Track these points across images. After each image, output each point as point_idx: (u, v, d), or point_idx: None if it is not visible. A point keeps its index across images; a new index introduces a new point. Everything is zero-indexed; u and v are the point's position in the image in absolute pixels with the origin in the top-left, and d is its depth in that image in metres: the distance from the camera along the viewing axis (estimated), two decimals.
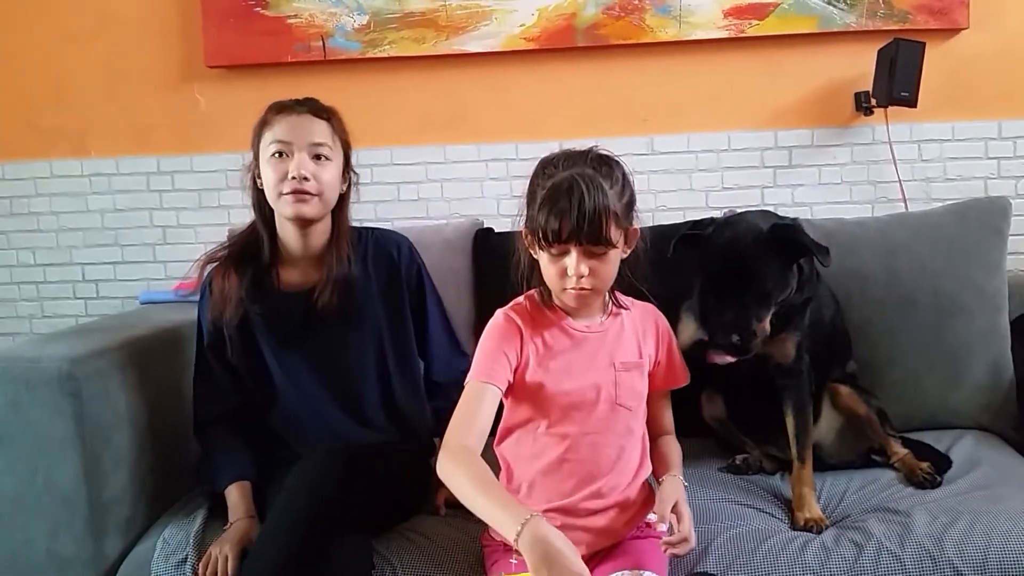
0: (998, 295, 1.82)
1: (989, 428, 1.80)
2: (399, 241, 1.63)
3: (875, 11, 2.17)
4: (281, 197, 1.47)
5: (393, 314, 1.59)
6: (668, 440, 1.43)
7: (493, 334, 1.30)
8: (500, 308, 1.35)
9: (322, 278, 1.52)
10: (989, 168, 2.24)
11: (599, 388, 1.29)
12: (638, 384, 1.33)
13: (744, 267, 1.44)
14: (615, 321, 1.34)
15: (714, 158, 2.29)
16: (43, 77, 2.38)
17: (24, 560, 1.48)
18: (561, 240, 1.20)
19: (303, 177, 1.45)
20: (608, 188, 1.21)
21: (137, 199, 2.39)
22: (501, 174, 2.31)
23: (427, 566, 1.39)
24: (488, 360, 1.27)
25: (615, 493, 1.30)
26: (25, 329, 2.44)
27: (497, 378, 1.25)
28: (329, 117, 1.52)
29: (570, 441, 1.28)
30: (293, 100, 1.52)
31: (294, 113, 1.49)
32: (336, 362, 1.55)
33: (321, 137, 1.49)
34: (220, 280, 1.53)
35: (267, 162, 1.49)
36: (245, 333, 1.55)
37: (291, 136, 1.47)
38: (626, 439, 1.32)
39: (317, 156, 1.48)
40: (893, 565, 1.32)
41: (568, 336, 1.31)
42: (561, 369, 1.29)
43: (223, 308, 1.52)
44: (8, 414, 1.46)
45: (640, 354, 1.35)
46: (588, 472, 1.28)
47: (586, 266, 1.22)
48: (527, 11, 2.23)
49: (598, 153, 1.26)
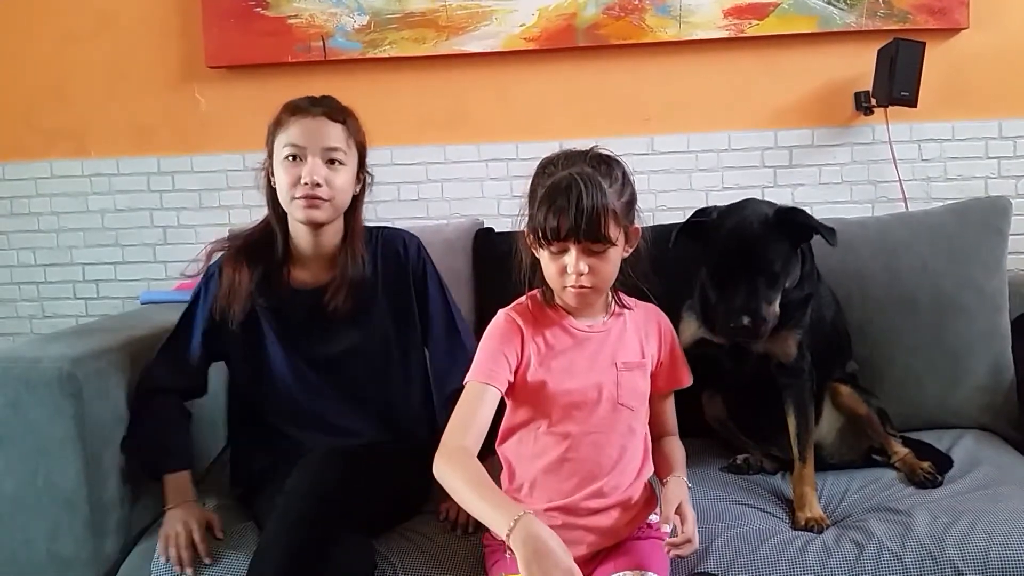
0: (998, 295, 1.82)
1: (990, 428, 1.80)
2: (406, 239, 1.62)
3: (875, 11, 2.17)
4: (293, 201, 1.47)
5: (399, 313, 1.59)
6: (671, 441, 1.42)
7: (494, 334, 1.31)
8: (502, 308, 1.35)
9: (335, 279, 1.52)
10: (989, 168, 2.24)
11: (601, 388, 1.29)
12: (640, 384, 1.33)
13: (752, 250, 1.44)
14: (617, 321, 1.34)
15: (714, 158, 2.29)
16: (44, 77, 2.38)
17: (24, 560, 1.48)
18: (560, 238, 1.21)
19: (315, 183, 1.45)
20: (607, 186, 1.21)
21: (137, 199, 2.39)
22: (501, 174, 2.31)
23: (428, 566, 1.39)
24: (488, 361, 1.27)
25: (617, 493, 1.30)
26: (26, 329, 2.44)
27: (496, 379, 1.25)
28: (345, 119, 1.51)
29: (571, 440, 1.28)
30: (309, 100, 1.50)
31: (309, 116, 1.47)
32: (341, 361, 1.55)
33: (335, 141, 1.48)
34: (231, 272, 1.53)
35: (280, 164, 1.48)
36: (251, 325, 1.54)
37: (305, 140, 1.46)
38: (628, 439, 1.32)
39: (331, 160, 1.47)
40: (894, 565, 1.32)
41: (570, 335, 1.31)
42: (563, 368, 1.29)
43: (231, 302, 1.51)
44: (8, 414, 1.46)
45: (643, 354, 1.34)
46: (589, 472, 1.28)
47: (585, 264, 1.22)
48: (527, 11, 2.23)
49: (598, 152, 1.27)
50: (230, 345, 1.58)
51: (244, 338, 1.55)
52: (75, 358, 1.47)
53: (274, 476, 1.49)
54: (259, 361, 1.56)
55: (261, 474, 1.55)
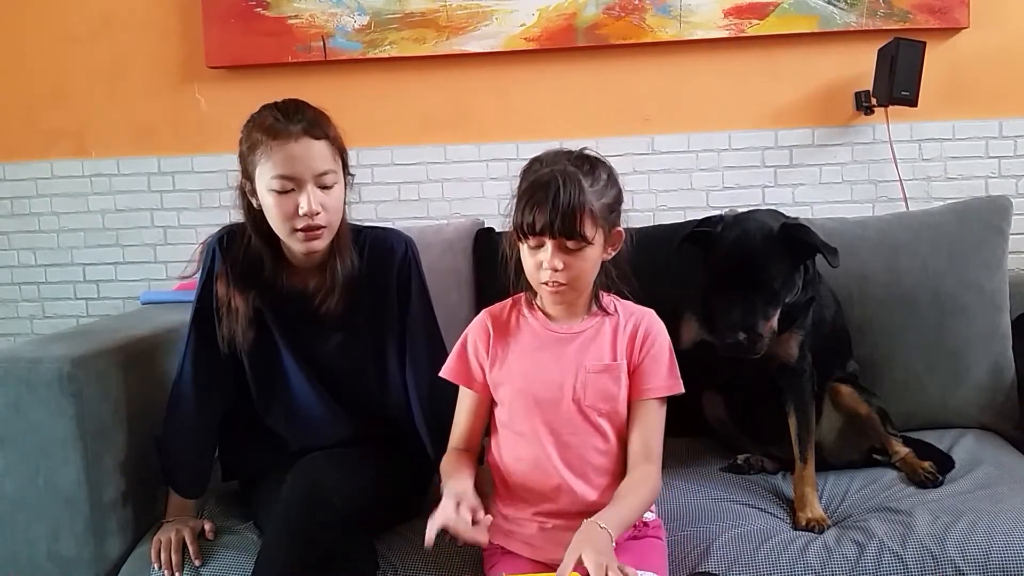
0: (999, 294, 1.81)
1: (990, 427, 1.80)
2: (395, 241, 1.56)
3: (875, 10, 2.17)
4: (293, 234, 1.41)
5: (388, 314, 1.57)
6: (635, 474, 1.28)
7: (466, 333, 1.38)
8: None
9: (324, 283, 1.49)
10: (990, 167, 2.23)
11: (565, 389, 1.29)
12: (611, 387, 1.30)
13: (753, 265, 1.44)
14: (594, 323, 1.34)
15: (714, 157, 2.28)
16: (44, 78, 2.38)
17: (25, 561, 1.48)
18: (535, 232, 1.22)
19: (315, 213, 1.39)
20: (587, 185, 1.23)
21: (138, 199, 2.39)
22: (502, 174, 2.31)
23: (427, 567, 1.39)
24: (453, 359, 1.38)
25: (598, 494, 1.29)
26: (26, 330, 2.44)
27: (459, 376, 1.36)
28: (325, 132, 1.41)
29: (542, 441, 1.29)
30: (280, 113, 1.40)
31: (291, 139, 1.37)
32: (335, 362, 1.54)
33: (326, 164, 1.40)
34: (226, 297, 1.48)
35: (268, 193, 1.40)
36: (259, 328, 1.52)
37: (295, 170, 1.37)
38: (599, 441, 1.30)
39: (324, 185, 1.40)
40: (895, 565, 1.32)
41: (539, 337, 1.33)
42: (527, 369, 1.31)
43: (233, 330, 1.48)
44: (9, 415, 1.46)
45: (614, 357, 1.32)
46: (568, 473, 1.29)
47: (560, 260, 1.23)
48: (527, 11, 2.23)
49: (584, 153, 1.29)
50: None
51: (257, 338, 1.52)
52: (76, 358, 1.47)
53: (268, 472, 1.49)
54: (268, 359, 1.54)
55: (254, 469, 1.55)
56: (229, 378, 1.55)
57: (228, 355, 1.52)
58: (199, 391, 1.52)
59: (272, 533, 1.32)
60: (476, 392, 1.36)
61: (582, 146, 1.30)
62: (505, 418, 1.34)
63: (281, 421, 1.55)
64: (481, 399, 1.36)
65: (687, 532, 1.42)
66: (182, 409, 1.52)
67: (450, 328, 1.60)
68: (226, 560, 1.43)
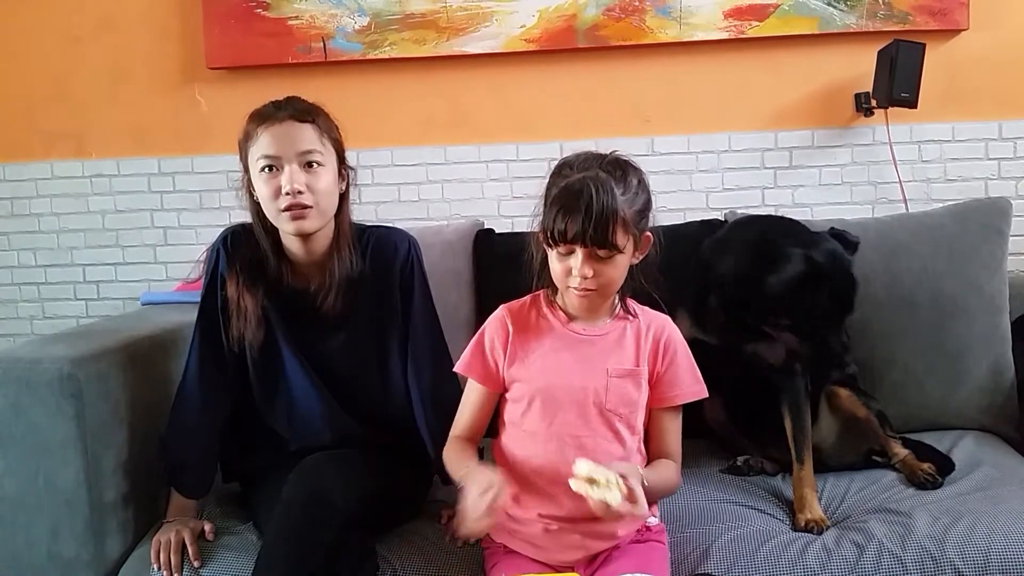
0: (999, 296, 1.82)
1: (990, 429, 1.80)
2: (398, 240, 1.57)
3: (875, 12, 2.17)
4: (280, 214, 1.43)
5: (391, 314, 1.57)
6: (663, 461, 1.34)
7: (483, 328, 1.37)
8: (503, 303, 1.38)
9: (325, 282, 1.50)
10: (989, 169, 2.24)
11: (587, 391, 1.29)
12: (632, 393, 1.31)
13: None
14: (618, 326, 1.33)
15: (714, 159, 2.29)
16: (44, 78, 2.38)
17: (25, 561, 1.48)
18: (567, 240, 1.21)
19: (297, 191, 1.40)
20: (619, 193, 1.21)
21: (138, 200, 2.39)
22: (502, 175, 2.31)
23: (428, 567, 1.39)
24: (469, 355, 1.36)
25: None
26: (26, 330, 2.44)
27: (474, 372, 1.35)
28: (314, 118, 1.45)
29: (556, 441, 1.29)
30: (273, 104, 1.45)
31: (276, 122, 1.42)
32: (337, 362, 1.54)
33: (309, 144, 1.42)
34: (235, 296, 1.49)
35: (258, 177, 1.44)
36: (264, 327, 1.51)
37: (278, 148, 1.41)
38: (615, 446, 1.30)
39: (308, 164, 1.42)
40: (894, 566, 1.32)
41: (562, 337, 1.32)
42: (548, 368, 1.30)
43: (243, 328, 1.49)
44: (9, 415, 1.46)
45: (637, 362, 1.32)
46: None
47: (590, 268, 1.22)
48: (528, 12, 2.23)
49: (616, 157, 1.26)
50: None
51: (264, 339, 1.52)
52: (75, 359, 1.47)
53: (268, 474, 1.49)
54: (270, 358, 1.54)
55: (254, 470, 1.55)
56: (234, 378, 1.55)
57: (232, 355, 1.52)
58: (205, 391, 1.52)
59: (272, 534, 1.32)
60: (488, 388, 1.35)
61: (592, 146, 1.28)
62: (517, 416, 1.32)
63: (282, 421, 1.55)
64: (491, 395, 1.35)
65: (687, 533, 1.42)
66: (188, 409, 1.53)
67: (450, 328, 1.61)
68: (226, 561, 1.43)
